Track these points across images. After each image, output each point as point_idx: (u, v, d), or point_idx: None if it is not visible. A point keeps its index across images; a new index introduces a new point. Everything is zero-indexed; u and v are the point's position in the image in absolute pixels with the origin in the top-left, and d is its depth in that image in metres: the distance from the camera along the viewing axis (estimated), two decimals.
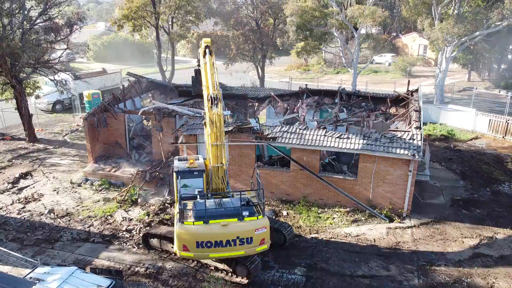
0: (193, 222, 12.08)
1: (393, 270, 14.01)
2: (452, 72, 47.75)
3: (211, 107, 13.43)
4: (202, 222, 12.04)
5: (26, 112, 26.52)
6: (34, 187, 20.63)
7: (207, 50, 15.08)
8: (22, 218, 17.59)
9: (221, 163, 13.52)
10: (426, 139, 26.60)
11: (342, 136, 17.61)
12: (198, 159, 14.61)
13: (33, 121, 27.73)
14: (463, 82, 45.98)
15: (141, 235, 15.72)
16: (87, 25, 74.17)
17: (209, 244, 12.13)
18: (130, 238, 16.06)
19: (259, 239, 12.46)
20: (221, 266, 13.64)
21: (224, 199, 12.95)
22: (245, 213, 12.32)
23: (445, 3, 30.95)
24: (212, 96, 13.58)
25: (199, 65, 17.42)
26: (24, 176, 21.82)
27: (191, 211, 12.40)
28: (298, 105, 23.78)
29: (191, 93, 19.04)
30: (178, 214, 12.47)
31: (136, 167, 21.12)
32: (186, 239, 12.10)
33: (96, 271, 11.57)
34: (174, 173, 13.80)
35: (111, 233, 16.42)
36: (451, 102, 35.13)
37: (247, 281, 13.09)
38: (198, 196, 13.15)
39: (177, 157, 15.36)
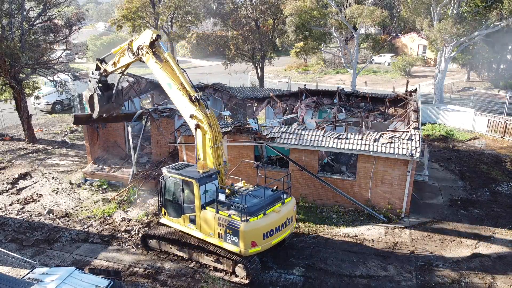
0: (257, 216, 12.58)
1: (391, 270, 14.04)
2: (451, 72, 47.80)
3: (201, 109, 13.38)
4: (262, 214, 12.74)
5: (26, 112, 26.55)
6: (33, 187, 20.65)
7: (159, 41, 14.23)
8: (21, 218, 17.62)
9: (222, 163, 13.62)
10: (425, 139, 26.63)
11: (340, 137, 17.64)
12: (190, 165, 14.61)
13: (32, 121, 27.76)
14: (462, 82, 46.00)
15: (140, 235, 15.75)
16: (87, 26, 74.33)
17: (271, 232, 12.95)
18: (129, 238, 16.09)
19: (295, 216, 14.27)
20: (220, 266, 13.67)
21: (253, 192, 13.69)
22: (284, 196, 13.77)
23: (444, 3, 30.99)
24: (197, 98, 13.54)
25: (100, 79, 16.45)
26: (23, 176, 21.85)
27: (241, 209, 12.54)
28: (297, 105, 23.82)
29: (90, 118, 17.60)
30: (232, 216, 12.66)
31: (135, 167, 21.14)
32: (255, 234, 12.59)
33: (94, 271, 11.59)
34: (195, 182, 13.27)
35: (110, 233, 16.45)
36: (450, 102, 35.17)
37: (247, 281, 13.11)
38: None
39: (165, 167, 14.62)
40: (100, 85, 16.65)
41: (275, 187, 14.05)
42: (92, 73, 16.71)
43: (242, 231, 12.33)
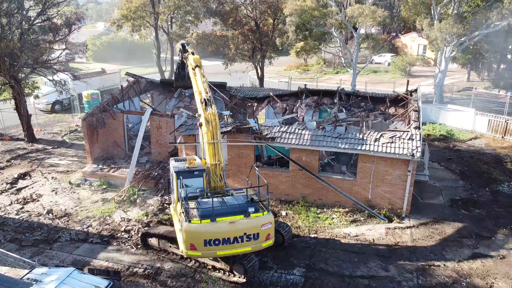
0: (200, 220, 12.16)
1: (392, 271, 13.99)
2: (451, 72, 47.73)
3: (205, 108, 14.04)
4: (209, 220, 12.19)
5: (25, 112, 26.49)
6: (32, 187, 20.59)
7: (197, 69, 15.91)
8: (21, 218, 17.56)
9: (218, 160, 13.63)
10: (426, 139, 26.58)
11: (341, 136, 17.59)
12: (196, 160, 14.68)
13: (32, 121, 27.70)
14: (462, 82, 45.95)
15: (139, 235, 15.70)
16: (86, 25, 74.26)
17: (217, 242, 12.29)
18: (129, 238, 16.03)
19: (265, 235, 12.79)
20: (218, 265, 13.63)
21: (227, 197, 13.11)
22: (251, 209, 12.57)
23: (444, 3, 30.95)
24: (206, 99, 14.29)
25: (181, 61, 18.58)
26: (22, 176, 21.78)
27: (196, 210, 12.48)
28: (297, 105, 23.75)
29: (173, 84, 21.69)
30: (182, 213, 12.51)
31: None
32: (194, 238, 12.20)
33: (94, 272, 11.56)
34: (174, 174, 13.84)
35: (109, 233, 16.40)
36: (450, 102, 35.11)
37: (244, 280, 13.07)
38: (200, 195, 13.34)
39: (173, 158, 15.45)
40: (183, 62, 18.47)
41: (250, 198, 13.27)
42: (179, 51, 18.72)
43: (182, 230, 12.29)
